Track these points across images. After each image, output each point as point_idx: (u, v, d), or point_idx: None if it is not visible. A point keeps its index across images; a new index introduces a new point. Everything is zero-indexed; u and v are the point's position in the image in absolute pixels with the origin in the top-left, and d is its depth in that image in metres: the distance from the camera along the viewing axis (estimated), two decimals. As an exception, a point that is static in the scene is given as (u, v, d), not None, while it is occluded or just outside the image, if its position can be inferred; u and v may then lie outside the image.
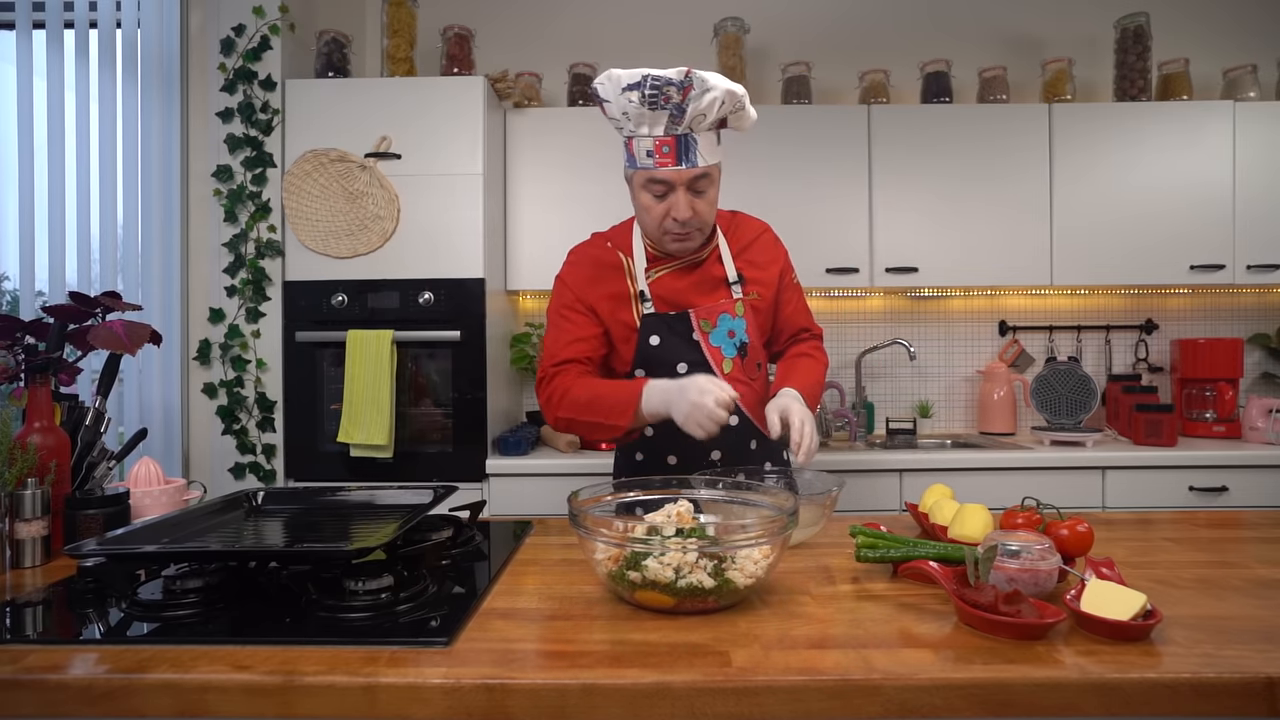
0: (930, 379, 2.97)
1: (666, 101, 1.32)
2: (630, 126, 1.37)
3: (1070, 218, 2.62)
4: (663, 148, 1.35)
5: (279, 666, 0.78)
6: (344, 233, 2.39)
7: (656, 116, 1.34)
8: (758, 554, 0.95)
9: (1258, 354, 2.93)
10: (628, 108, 1.35)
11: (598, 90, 1.39)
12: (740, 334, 1.52)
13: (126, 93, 2.51)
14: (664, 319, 1.50)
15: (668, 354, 1.49)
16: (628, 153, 1.42)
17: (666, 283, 1.51)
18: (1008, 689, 0.74)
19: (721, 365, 1.50)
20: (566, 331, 1.51)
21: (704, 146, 1.37)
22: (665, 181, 1.38)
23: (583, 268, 1.54)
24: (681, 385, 1.32)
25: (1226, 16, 2.94)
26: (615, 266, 1.53)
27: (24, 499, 1.15)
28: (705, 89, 1.31)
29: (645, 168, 1.38)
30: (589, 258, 1.55)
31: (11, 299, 2.57)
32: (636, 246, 1.53)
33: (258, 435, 2.41)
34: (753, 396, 1.52)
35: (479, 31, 2.84)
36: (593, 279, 1.52)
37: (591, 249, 1.58)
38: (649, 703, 0.75)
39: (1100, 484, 2.36)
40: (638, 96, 1.32)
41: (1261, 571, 1.09)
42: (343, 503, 1.35)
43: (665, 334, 1.50)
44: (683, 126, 1.34)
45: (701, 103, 1.32)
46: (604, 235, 1.60)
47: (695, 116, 1.33)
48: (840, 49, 2.95)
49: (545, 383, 1.49)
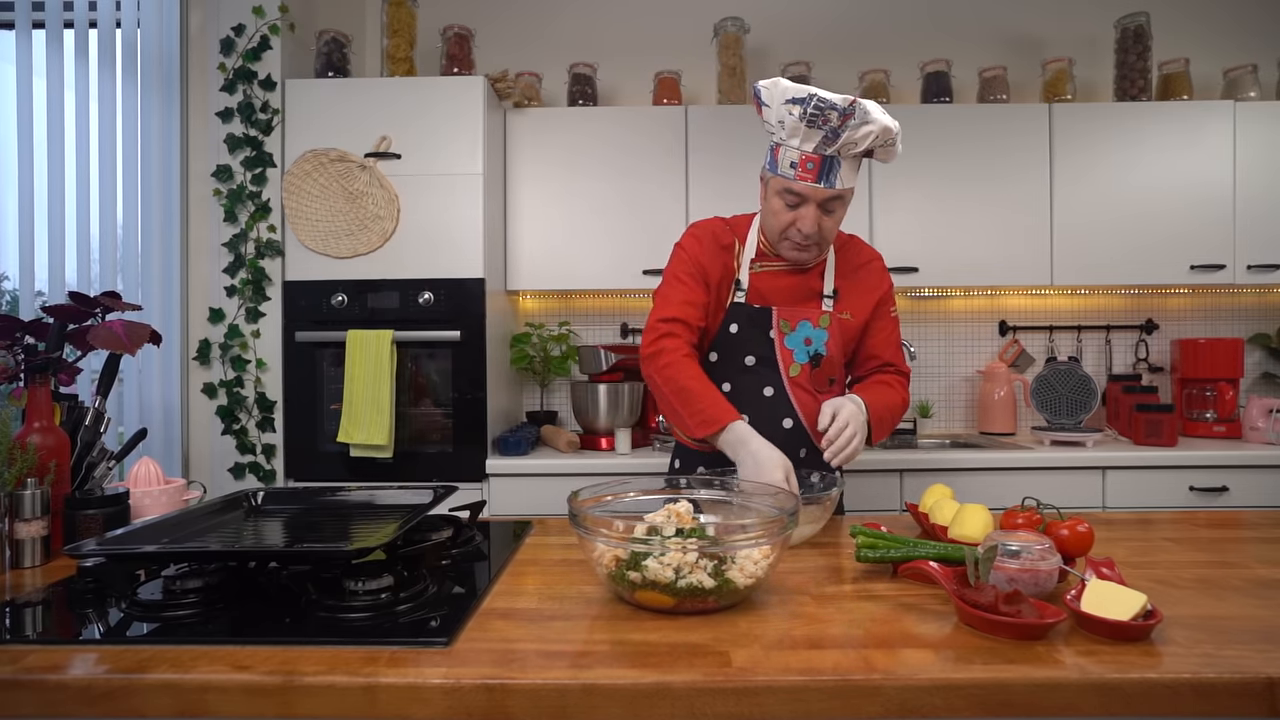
0: (930, 379, 2.97)
1: (825, 124, 1.35)
2: (782, 135, 1.42)
3: (1070, 218, 2.62)
4: (807, 163, 1.39)
5: (279, 666, 0.78)
6: (344, 233, 2.38)
7: (811, 134, 1.37)
8: (758, 554, 0.95)
9: (1258, 354, 2.93)
10: (785, 118, 1.38)
11: (760, 92, 1.42)
12: (818, 344, 1.53)
13: (126, 93, 2.51)
14: (748, 309, 1.53)
15: (741, 344, 1.53)
16: (771, 156, 1.46)
17: (766, 279, 1.55)
18: (1008, 689, 0.74)
19: (788, 368, 1.52)
20: (680, 292, 1.51)
21: (845, 170, 1.41)
22: (800, 195, 1.42)
23: (704, 240, 1.57)
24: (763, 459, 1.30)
25: (1226, 16, 2.94)
26: (727, 247, 1.56)
27: (24, 499, 1.15)
28: (865, 120, 1.35)
29: (785, 176, 1.42)
30: (709, 232, 1.59)
31: (11, 299, 2.57)
32: (751, 237, 1.57)
33: (258, 435, 2.41)
34: (813, 408, 1.52)
35: (479, 31, 2.84)
36: (710, 252, 1.56)
37: (712, 225, 1.60)
38: (649, 703, 0.75)
39: (1100, 484, 2.36)
40: (799, 111, 1.36)
41: (1261, 571, 1.09)
42: (343, 503, 1.35)
43: (744, 324, 1.53)
44: (833, 149, 1.38)
45: (858, 133, 1.36)
46: (725, 219, 1.63)
47: (847, 143, 1.37)
48: (840, 49, 2.95)
49: (656, 337, 1.47)
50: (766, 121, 1.44)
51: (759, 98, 1.43)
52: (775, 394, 1.52)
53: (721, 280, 1.54)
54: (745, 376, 1.53)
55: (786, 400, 1.52)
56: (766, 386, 1.52)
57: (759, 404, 1.52)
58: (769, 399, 1.52)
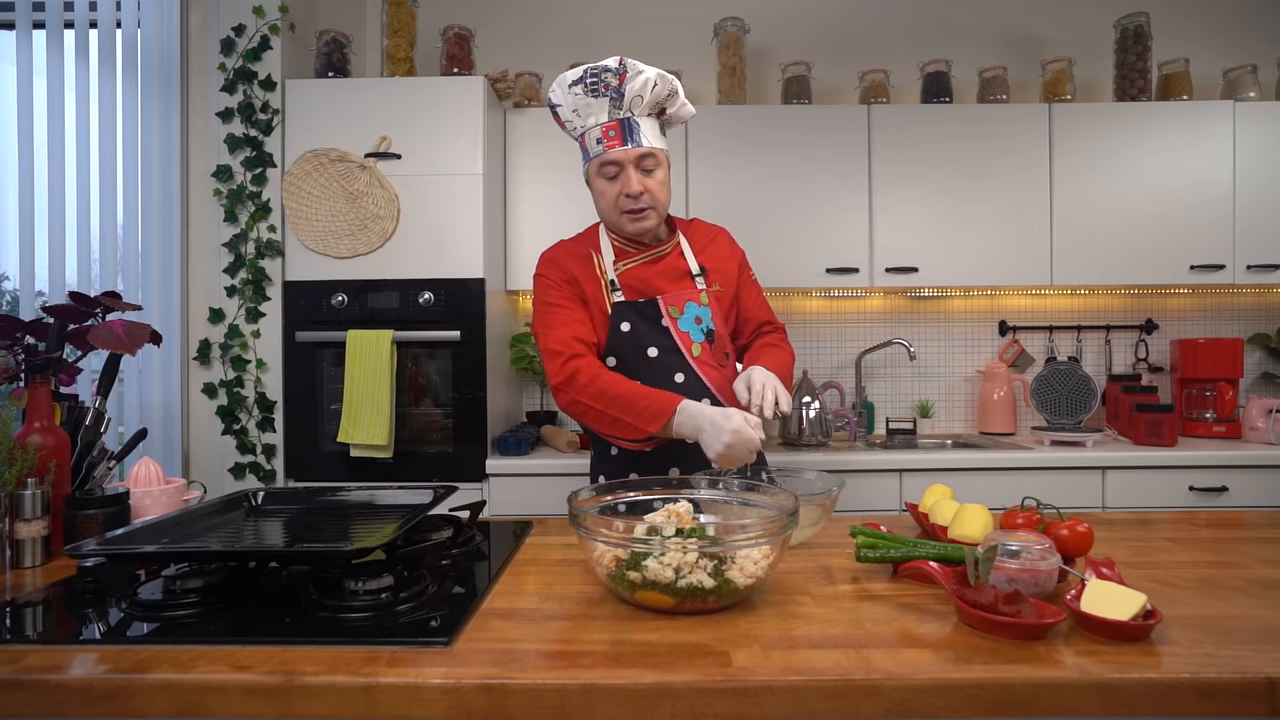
0: (930, 379, 2.97)
1: (606, 88, 1.47)
2: (580, 122, 1.52)
3: (1070, 217, 2.62)
4: (609, 132, 1.49)
5: (279, 667, 0.78)
6: (344, 233, 2.39)
7: (600, 104, 1.48)
8: (758, 554, 0.95)
9: (1258, 354, 2.93)
10: (576, 103, 1.50)
11: (550, 98, 1.53)
12: (706, 321, 1.59)
13: (126, 93, 2.51)
14: (634, 305, 1.56)
15: (638, 339, 1.55)
16: (583, 151, 1.55)
17: (635, 273, 1.59)
18: (1008, 689, 0.74)
19: (691, 349, 1.56)
20: (561, 316, 1.54)
21: (646, 129, 1.50)
22: (615, 162, 1.50)
23: (561, 260, 1.61)
24: (718, 416, 1.35)
25: (1226, 16, 2.94)
26: (585, 258, 1.60)
27: (24, 499, 1.15)
28: (638, 71, 1.46)
29: (597, 154, 1.51)
30: (563, 251, 1.63)
31: (11, 299, 2.57)
32: (604, 243, 1.62)
33: (258, 435, 2.41)
34: (722, 381, 1.59)
35: (479, 31, 2.84)
36: (572, 266, 1.59)
37: (561, 246, 1.66)
38: (649, 703, 0.75)
39: (1100, 484, 2.36)
40: (581, 88, 1.48)
41: (1261, 571, 1.09)
42: (343, 503, 1.35)
43: (635, 320, 1.56)
44: (624, 110, 1.48)
45: (635, 84, 1.46)
46: (569, 239, 1.68)
47: (633, 99, 1.47)
48: (840, 49, 2.95)
49: (567, 362, 1.49)
50: (568, 122, 1.54)
51: (551, 102, 1.53)
52: (686, 378, 1.55)
53: (592, 291, 1.57)
54: (652, 368, 1.54)
55: (699, 380, 1.56)
56: (676, 373, 1.55)
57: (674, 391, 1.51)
58: (682, 384, 1.54)
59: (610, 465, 1.62)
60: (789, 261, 2.58)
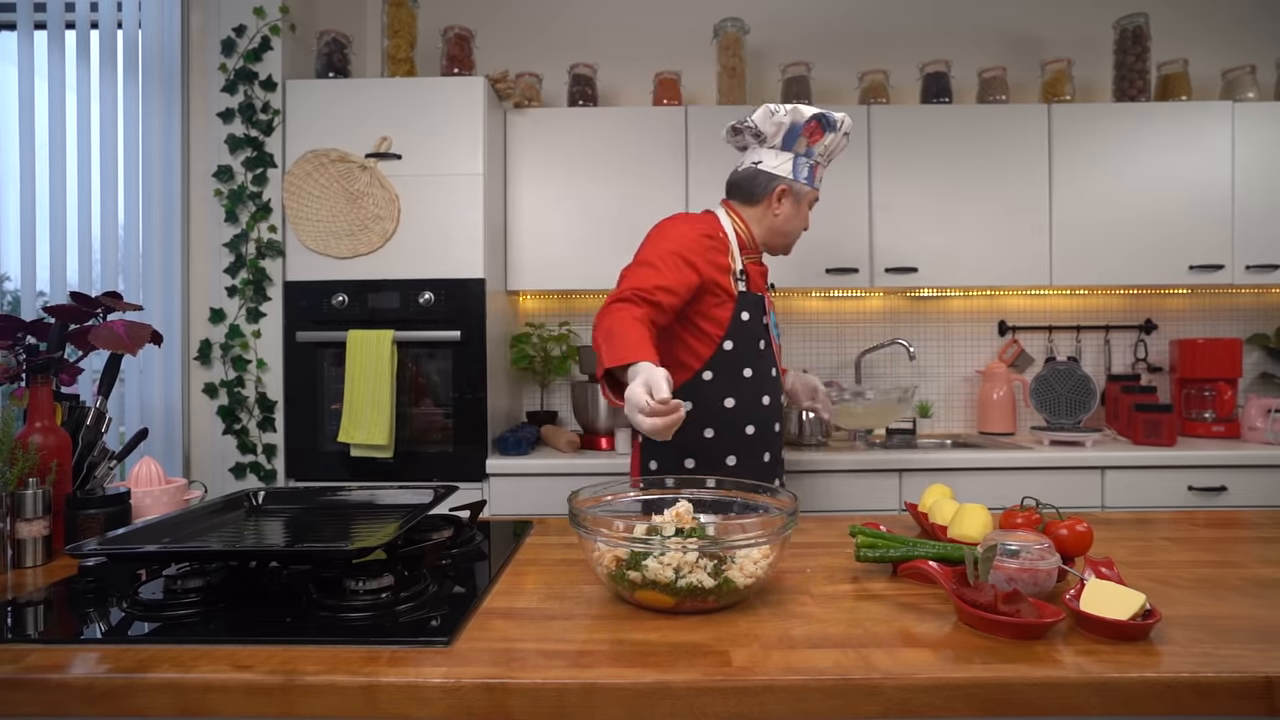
0: (930, 379, 2.97)
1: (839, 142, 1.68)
2: (824, 158, 1.69)
3: (1070, 218, 2.62)
4: (818, 170, 1.71)
5: (279, 666, 0.78)
6: (344, 233, 2.39)
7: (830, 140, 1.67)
8: (758, 554, 0.95)
9: (1257, 354, 2.93)
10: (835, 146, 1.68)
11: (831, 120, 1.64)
12: (772, 326, 1.74)
13: (127, 93, 2.51)
14: (752, 297, 1.67)
15: (753, 330, 1.66)
16: (810, 173, 1.70)
17: (751, 270, 1.71)
18: (1007, 689, 0.74)
19: (779, 350, 1.75)
20: (660, 275, 1.50)
21: None
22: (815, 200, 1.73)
23: (695, 226, 1.63)
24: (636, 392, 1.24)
25: (1226, 16, 2.94)
26: (717, 238, 1.65)
27: (25, 499, 1.16)
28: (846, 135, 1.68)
29: (816, 187, 1.71)
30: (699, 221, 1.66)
31: (13, 299, 2.57)
32: (730, 234, 1.69)
33: (258, 435, 2.41)
34: None
35: (479, 31, 2.84)
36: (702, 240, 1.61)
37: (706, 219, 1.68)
38: (649, 703, 0.75)
39: (1099, 484, 2.37)
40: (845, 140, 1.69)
41: (1261, 571, 1.09)
42: (343, 503, 1.35)
43: (753, 311, 1.66)
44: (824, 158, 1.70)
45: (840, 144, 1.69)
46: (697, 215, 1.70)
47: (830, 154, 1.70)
48: (840, 49, 2.96)
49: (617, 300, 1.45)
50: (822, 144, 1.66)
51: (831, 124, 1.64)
52: (776, 373, 1.72)
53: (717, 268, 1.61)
54: (762, 360, 1.66)
55: (778, 378, 1.74)
56: (772, 367, 1.69)
57: (773, 384, 1.69)
58: (774, 379, 1.70)
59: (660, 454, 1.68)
60: (789, 261, 2.58)
